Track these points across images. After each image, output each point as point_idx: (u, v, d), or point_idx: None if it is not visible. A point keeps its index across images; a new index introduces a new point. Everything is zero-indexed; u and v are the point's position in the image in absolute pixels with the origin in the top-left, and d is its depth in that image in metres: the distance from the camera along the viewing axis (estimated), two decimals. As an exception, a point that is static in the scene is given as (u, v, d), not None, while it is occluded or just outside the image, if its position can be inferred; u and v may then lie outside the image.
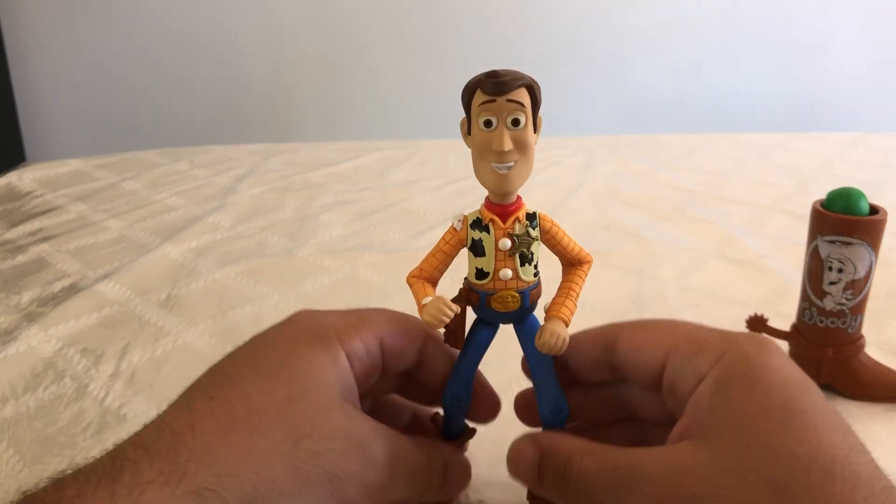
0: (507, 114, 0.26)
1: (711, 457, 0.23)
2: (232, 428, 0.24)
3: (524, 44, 1.99)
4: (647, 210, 0.78)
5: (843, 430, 0.24)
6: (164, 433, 0.24)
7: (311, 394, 0.26)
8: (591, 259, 0.30)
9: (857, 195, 0.39)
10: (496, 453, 0.36)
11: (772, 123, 1.98)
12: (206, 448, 0.23)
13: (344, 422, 0.26)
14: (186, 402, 0.25)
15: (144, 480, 0.22)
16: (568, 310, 0.28)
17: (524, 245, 0.28)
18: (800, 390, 0.25)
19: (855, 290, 0.40)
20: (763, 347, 0.27)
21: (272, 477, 0.23)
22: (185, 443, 0.23)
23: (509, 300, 0.28)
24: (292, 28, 1.96)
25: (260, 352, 0.28)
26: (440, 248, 0.29)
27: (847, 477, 0.22)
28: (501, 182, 0.27)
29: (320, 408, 0.26)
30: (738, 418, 0.24)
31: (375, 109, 2.04)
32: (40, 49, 1.96)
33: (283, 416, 0.25)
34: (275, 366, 0.27)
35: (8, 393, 0.44)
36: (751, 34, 1.99)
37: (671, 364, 0.27)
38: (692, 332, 0.28)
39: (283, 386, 0.26)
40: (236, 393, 0.25)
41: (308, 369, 0.27)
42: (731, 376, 0.25)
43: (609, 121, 2.02)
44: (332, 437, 0.25)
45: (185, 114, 2.01)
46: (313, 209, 0.79)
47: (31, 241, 0.70)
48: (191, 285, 0.59)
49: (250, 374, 0.26)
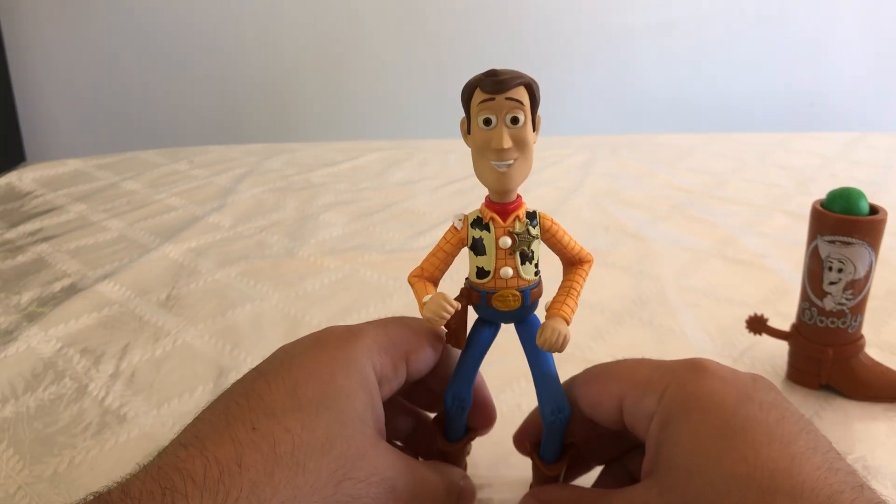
0: (506, 112, 0.26)
1: (659, 493, 0.24)
2: (276, 466, 0.24)
3: (524, 44, 1.99)
4: (647, 210, 0.78)
5: (784, 438, 0.24)
6: (212, 466, 0.24)
7: (350, 431, 0.26)
8: (592, 258, 0.30)
9: (857, 195, 0.39)
10: (496, 454, 0.36)
11: (772, 123, 1.98)
12: (252, 486, 0.23)
13: (379, 463, 0.27)
14: (228, 432, 0.25)
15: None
16: (569, 308, 0.28)
17: (524, 243, 0.28)
18: (735, 408, 0.25)
19: (855, 290, 0.40)
20: (698, 373, 0.27)
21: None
22: (231, 479, 0.23)
23: (510, 299, 0.28)
24: (292, 28, 1.96)
25: (297, 378, 0.27)
26: (441, 247, 0.29)
27: (787, 491, 0.22)
28: (501, 180, 0.27)
29: (358, 448, 0.26)
30: (680, 452, 0.25)
31: (375, 109, 2.04)
32: (40, 49, 1.96)
33: (325, 456, 0.25)
34: (315, 399, 0.27)
35: (8, 393, 0.44)
36: (751, 34, 1.99)
37: (625, 410, 0.28)
38: (638, 372, 0.29)
39: (324, 422, 0.26)
40: (279, 427, 0.25)
41: (346, 404, 0.27)
42: (671, 410, 0.26)
43: (609, 121, 2.03)
44: (368, 480, 0.26)
45: (185, 114, 2.01)
46: (313, 209, 0.79)
47: (31, 241, 0.70)
48: (191, 285, 0.59)
49: (291, 404, 0.26)
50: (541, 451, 0.31)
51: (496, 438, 0.35)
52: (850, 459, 0.37)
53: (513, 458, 0.35)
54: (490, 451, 0.36)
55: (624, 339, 0.50)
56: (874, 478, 0.36)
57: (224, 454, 0.24)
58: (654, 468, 0.26)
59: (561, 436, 0.31)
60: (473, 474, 0.35)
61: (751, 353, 0.47)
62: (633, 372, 0.29)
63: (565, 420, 0.30)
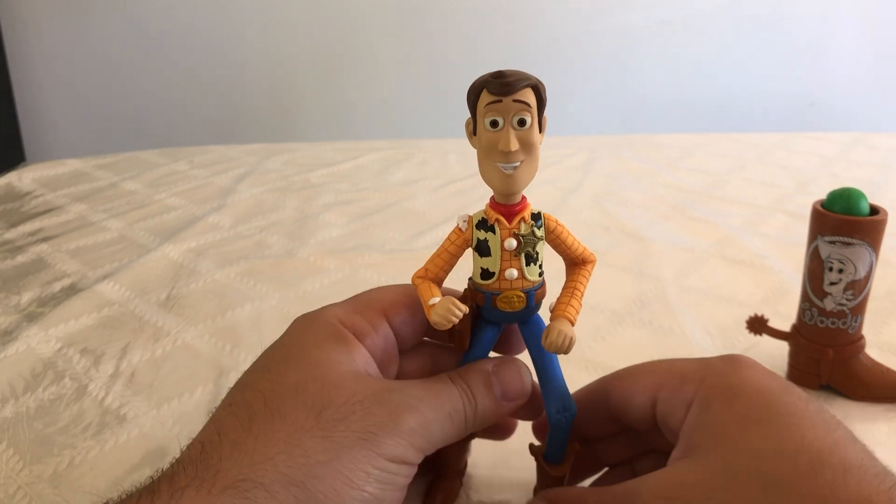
0: (513, 114, 0.26)
1: (701, 467, 0.24)
2: (253, 422, 0.25)
3: (524, 44, 1.99)
4: (647, 210, 0.78)
5: (827, 425, 0.24)
6: (195, 445, 0.25)
7: (322, 371, 0.26)
8: (595, 258, 0.30)
9: (858, 195, 0.39)
10: (497, 454, 0.36)
11: (772, 123, 1.98)
12: (233, 446, 0.24)
13: (360, 386, 0.26)
14: (212, 417, 0.26)
15: (181, 486, 0.22)
16: (574, 309, 0.28)
17: (530, 245, 0.28)
18: (780, 395, 0.26)
19: (855, 290, 0.40)
20: (740, 365, 0.27)
21: (304, 451, 0.24)
22: (213, 447, 0.24)
23: (515, 300, 0.28)
24: (292, 28, 1.96)
25: (267, 355, 0.29)
26: (446, 248, 0.29)
27: (835, 465, 0.22)
28: (508, 182, 0.27)
29: (334, 381, 0.26)
30: (723, 429, 0.25)
31: (375, 109, 2.04)
32: (40, 49, 1.96)
33: (298, 396, 0.25)
34: (282, 360, 0.27)
35: (8, 393, 0.44)
36: (751, 34, 1.99)
37: (661, 400, 0.28)
38: (674, 366, 0.29)
39: (293, 372, 0.26)
40: (251, 393, 0.26)
41: (314, 352, 0.27)
42: (712, 396, 0.26)
43: (609, 121, 2.02)
44: (350, 401, 0.25)
45: (185, 114, 2.00)
46: (313, 209, 0.79)
47: (31, 241, 0.70)
48: (191, 285, 0.59)
49: (261, 374, 0.27)
50: (545, 452, 0.31)
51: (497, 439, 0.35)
52: (851, 460, 0.37)
53: (513, 458, 0.35)
54: (490, 452, 0.36)
55: (624, 339, 0.50)
56: (874, 478, 0.36)
57: (206, 433, 0.25)
58: (693, 449, 0.25)
59: (566, 436, 0.31)
60: (473, 474, 0.36)
61: (751, 354, 0.47)
62: (670, 366, 0.29)
63: (570, 419, 0.30)
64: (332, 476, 0.23)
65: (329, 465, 0.23)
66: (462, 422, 0.28)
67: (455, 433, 0.28)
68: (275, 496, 0.23)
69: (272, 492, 0.23)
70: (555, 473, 0.31)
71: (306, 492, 0.23)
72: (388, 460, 0.25)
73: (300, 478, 0.23)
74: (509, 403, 0.29)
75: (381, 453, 0.24)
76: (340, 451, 0.24)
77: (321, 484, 0.23)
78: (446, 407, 0.27)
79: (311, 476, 0.23)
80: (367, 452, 0.24)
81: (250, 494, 0.22)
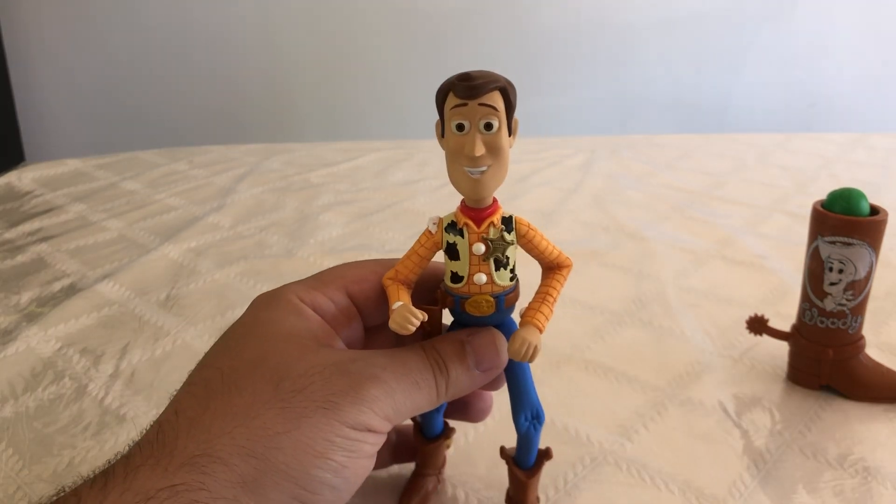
0: (479, 118, 0.25)
1: None
2: (210, 399, 0.24)
3: (524, 44, 1.99)
4: (646, 210, 0.78)
5: None
6: (153, 427, 0.24)
7: (281, 345, 0.26)
8: (571, 263, 0.29)
9: (858, 196, 0.39)
10: (495, 454, 0.36)
11: (772, 123, 1.98)
12: (190, 423, 0.24)
13: (320, 357, 0.26)
14: (172, 399, 0.26)
15: (135, 466, 0.22)
16: (543, 316, 0.27)
17: (499, 250, 0.27)
18: None
19: (855, 290, 0.40)
20: None
21: (262, 424, 0.23)
22: (170, 426, 0.24)
23: (483, 304, 0.28)
24: (292, 28, 1.96)
25: (227, 334, 0.28)
26: (415, 250, 0.28)
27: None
28: (475, 186, 0.26)
29: (294, 353, 0.26)
30: None
31: (375, 109, 2.04)
32: (40, 49, 1.96)
33: (257, 370, 0.25)
34: (241, 336, 0.27)
35: (7, 393, 0.44)
36: (751, 34, 1.99)
37: None
38: None
39: (251, 348, 0.26)
40: (209, 371, 0.26)
41: (272, 328, 0.27)
42: None
43: (609, 121, 2.02)
44: (309, 372, 0.25)
45: (185, 114, 2.00)
46: (313, 209, 0.79)
47: (31, 240, 0.70)
48: (190, 285, 0.59)
49: (220, 352, 0.27)
50: (515, 457, 0.31)
51: (495, 439, 0.35)
52: (851, 460, 0.37)
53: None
54: (489, 452, 0.36)
55: (623, 339, 0.50)
56: (874, 478, 0.36)
57: (164, 414, 0.25)
58: None
59: (535, 443, 0.30)
60: (473, 474, 0.36)
61: (751, 354, 0.47)
62: None
63: (538, 427, 0.30)
64: (292, 446, 0.23)
65: (289, 436, 0.23)
66: (432, 390, 0.27)
67: (426, 402, 0.27)
68: (233, 469, 0.22)
69: (230, 465, 0.22)
70: (524, 479, 0.31)
71: (266, 462, 0.23)
72: (351, 428, 0.24)
73: (260, 450, 0.23)
74: (483, 374, 0.28)
75: (343, 421, 0.24)
76: (300, 421, 0.23)
77: (282, 454, 0.23)
78: (413, 375, 0.26)
79: (272, 447, 0.23)
80: (328, 421, 0.24)
81: (208, 469, 0.22)
